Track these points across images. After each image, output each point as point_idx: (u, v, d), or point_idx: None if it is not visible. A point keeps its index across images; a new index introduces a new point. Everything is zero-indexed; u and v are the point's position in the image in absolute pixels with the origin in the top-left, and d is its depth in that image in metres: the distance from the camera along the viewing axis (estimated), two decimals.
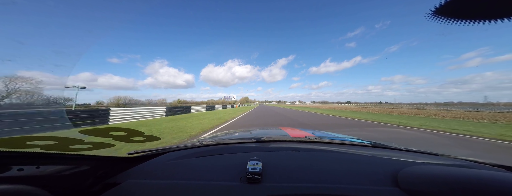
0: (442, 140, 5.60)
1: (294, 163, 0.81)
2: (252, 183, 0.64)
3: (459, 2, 0.45)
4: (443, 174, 0.58)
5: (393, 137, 5.88)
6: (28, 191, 0.50)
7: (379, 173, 0.71)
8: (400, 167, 0.72)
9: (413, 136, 6.30)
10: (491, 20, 0.44)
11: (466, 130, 7.66)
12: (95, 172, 0.71)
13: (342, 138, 1.53)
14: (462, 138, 6.01)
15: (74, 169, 0.65)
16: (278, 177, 0.69)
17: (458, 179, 0.54)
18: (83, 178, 0.67)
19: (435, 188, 0.54)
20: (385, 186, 0.63)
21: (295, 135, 1.60)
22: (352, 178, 0.68)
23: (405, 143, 4.96)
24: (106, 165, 0.77)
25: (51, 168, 0.60)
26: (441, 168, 0.66)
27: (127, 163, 0.86)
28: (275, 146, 1.12)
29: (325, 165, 0.79)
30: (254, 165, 0.71)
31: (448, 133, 6.94)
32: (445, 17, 0.49)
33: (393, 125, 9.63)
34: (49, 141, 0.61)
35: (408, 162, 0.84)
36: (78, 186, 0.65)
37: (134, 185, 0.68)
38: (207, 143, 1.15)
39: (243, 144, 1.19)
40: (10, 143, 0.55)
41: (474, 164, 0.87)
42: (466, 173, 0.57)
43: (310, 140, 1.25)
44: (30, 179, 0.54)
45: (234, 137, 1.63)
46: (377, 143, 1.23)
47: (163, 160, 0.93)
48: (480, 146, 4.90)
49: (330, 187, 0.62)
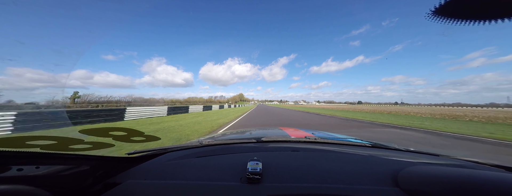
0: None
1: (294, 163, 0.81)
2: (252, 183, 0.64)
3: (459, 2, 0.45)
4: (443, 175, 0.58)
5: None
6: (28, 191, 0.50)
7: (379, 173, 0.71)
8: (400, 167, 0.72)
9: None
10: (491, 20, 0.44)
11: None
12: (95, 172, 0.71)
13: (342, 138, 1.53)
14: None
15: (74, 169, 0.65)
16: (278, 177, 0.69)
17: (458, 179, 0.54)
18: (83, 178, 0.67)
19: (435, 188, 0.54)
20: (385, 186, 0.63)
21: (295, 135, 1.60)
22: (352, 178, 0.68)
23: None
24: (106, 165, 0.77)
25: (51, 168, 0.60)
26: (441, 168, 0.66)
27: (127, 163, 0.86)
28: (275, 146, 1.12)
29: (325, 165, 0.79)
30: (254, 165, 0.71)
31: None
32: (445, 17, 0.49)
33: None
34: (49, 141, 0.61)
35: (408, 162, 0.84)
36: (78, 186, 0.65)
37: (134, 185, 0.68)
38: (207, 143, 1.15)
39: (243, 144, 1.19)
40: (9, 142, 0.54)
41: (474, 165, 0.87)
42: (466, 174, 0.57)
43: (310, 140, 1.25)
44: (30, 179, 0.54)
45: (234, 137, 1.63)
46: (377, 143, 1.23)
47: (163, 160, 0.93)
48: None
49: (330, 187, 0.62)
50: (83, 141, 0.68)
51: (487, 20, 0.44)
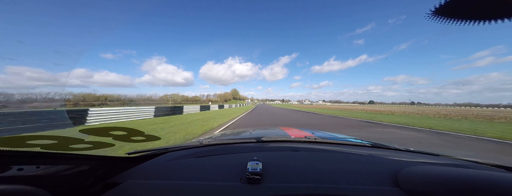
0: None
1: (294, 163, 0.81)
2: (252, 183, 0.64)
3: (459, 2, 0.45)
4: (443, 175, 0.58)
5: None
6: (28, 191, 0.50)
7: (379, 173, 0.71)
8: (400, 167, 0.72)
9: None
10: (491, 20, 0.44)
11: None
12: (95, 172, 0.71)
13: (342, 138, 1.53)
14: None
15: (74, 169, 0.65)
16: (278, 177, 0.69)
17: (458, 179, 0.54)
18: (83, 178, 0.67)
19: (435, 188, 0.54)
20: (385, 186, 0.63)
21: (295, 135, 1.60)
22: (352, 178, 0.68)
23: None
24: (106, 165, 0.77)
25: (51, 168, 0.60)
26: (441, 168, 0.66)
27: (127, 163, 0.86)
28: (275, 146, 1.12)
29: (325, 165, 0.79)
30: (254, 165, 0.71)
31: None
32: (445, 17, 0.49)
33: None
34: (49, 140, 0.61)
35: (408, 162, 0.84)
36: (78, 186, 0.65)
37: (134, 185, 0.68)
38: (207, 143, 1.15)
39: (243, 144, 1.19)
40: (10, 142, 0.54)
41: (474, 165, 0.87)
42: (466, 174, 0.57)
43: (310, 140, 1.25)
44: (30, 179, 0.54)
45: (234, 137, 1.63)
46: (377, 143, 1.23)
47: (163, 160, 0.93)
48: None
49: (331, 187, 0.62)
50: (83, 141, 0.68)
51: (488, 20, 0.44)
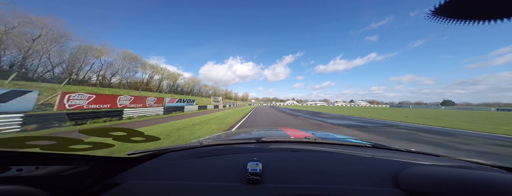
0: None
1: (294, 163, 0.81)
2: (252, 184, 0.64)
3: (459, 2, 0.44)
4: (444, 175, 0.58)
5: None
6: (27, 191, 0.50)
7: (379, 174, 0.70)
8: (401, 168, 0.71)
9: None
10: (491, 20, 0.44)
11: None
12: (95, 173, 0.71)
13: (342, 138, 1.52)
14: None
15: (74, 169, 0.65)
16: (278, 178, 0.68)
17: (459, 180, 0.54)
18: (82, 179, 0.67)
19: (436, 189, 0.54)
20: (385, 187, 0.63)
21: (295, 135, 1.60)
22: (353, 179, 0.68)
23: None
24: (106, 165, 0.77)
25: (51, 168, 0.60)
26: (442, 169, 0.66)
27: (126, 163, 0.86)
28: (275, 146, 1.12)
29: (325, 166, 0.78)
30: (254, 165, 0.70)
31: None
32: (445, 17, 0.49)
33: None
34: (49, 141, 0.61)
35: (409, 163, 0.84)
36: (78, 187, 0.65)
37: (134, 186, 0.67)
38: (207, 144, 1.15)
39: (243, 144, 1.19)
40: (9, 142, 0.54)
41: (475, 165, 0.87)
42: (467, 174, 0.57)
43: (310, 141, 1.25)
44: (29, 179, 0.54)
45: (234, 138, 1.63)
46: (377, 144, 1.23)
47: (163, 160, 0.92)
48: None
49: (331, 188, 0.62)
50: (83, 141, 0.68)
51: (487, 20, 0.44)
